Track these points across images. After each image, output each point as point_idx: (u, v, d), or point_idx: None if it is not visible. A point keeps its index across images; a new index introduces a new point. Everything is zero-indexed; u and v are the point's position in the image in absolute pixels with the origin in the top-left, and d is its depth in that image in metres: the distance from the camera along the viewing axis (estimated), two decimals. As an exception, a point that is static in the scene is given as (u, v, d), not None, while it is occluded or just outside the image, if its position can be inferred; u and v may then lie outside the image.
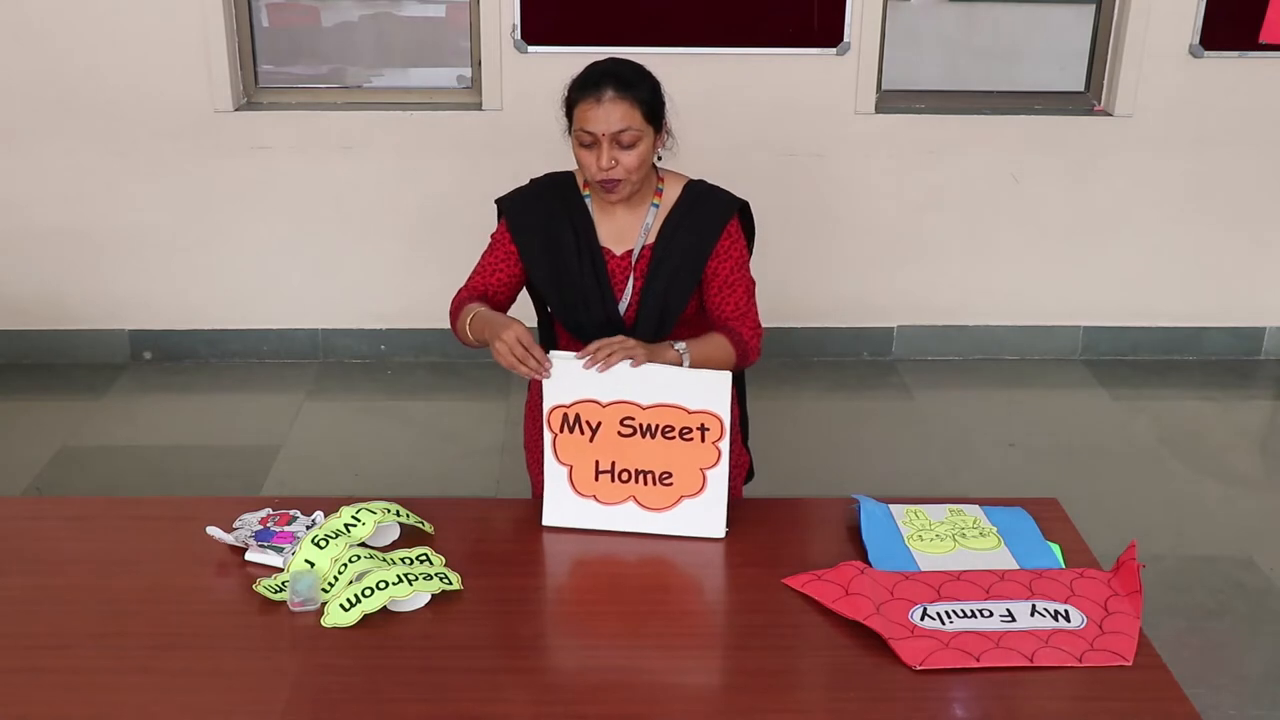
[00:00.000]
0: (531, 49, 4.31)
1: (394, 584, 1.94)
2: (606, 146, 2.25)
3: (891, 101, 4.52)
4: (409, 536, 2.16)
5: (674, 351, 2.24)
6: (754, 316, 2.43)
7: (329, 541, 2.05)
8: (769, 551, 2.15)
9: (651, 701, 1.79)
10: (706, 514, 2.19)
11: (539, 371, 2.16)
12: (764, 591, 2.03)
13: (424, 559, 2.07)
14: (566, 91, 2.32)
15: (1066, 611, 1.95)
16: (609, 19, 4.28)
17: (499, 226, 2.45)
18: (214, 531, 2.13)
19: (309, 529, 2.13)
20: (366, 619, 1.92)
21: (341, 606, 1.92)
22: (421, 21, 4.56)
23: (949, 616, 1.93)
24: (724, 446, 2.18)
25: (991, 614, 1.94)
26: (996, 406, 4.46)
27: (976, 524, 2.21)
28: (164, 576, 2.06)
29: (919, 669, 1.82)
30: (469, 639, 1.91)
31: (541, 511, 2.22)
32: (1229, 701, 2.85)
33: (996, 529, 2.19)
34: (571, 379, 2.18)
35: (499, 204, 2.47)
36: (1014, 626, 1.91)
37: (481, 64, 4.38)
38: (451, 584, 2.00)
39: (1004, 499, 2.31)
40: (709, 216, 2.39)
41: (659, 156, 2.39)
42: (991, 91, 4.60)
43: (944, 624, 1.91)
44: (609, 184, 2.29)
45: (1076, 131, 4.52)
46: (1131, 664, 1.85)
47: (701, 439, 2.18)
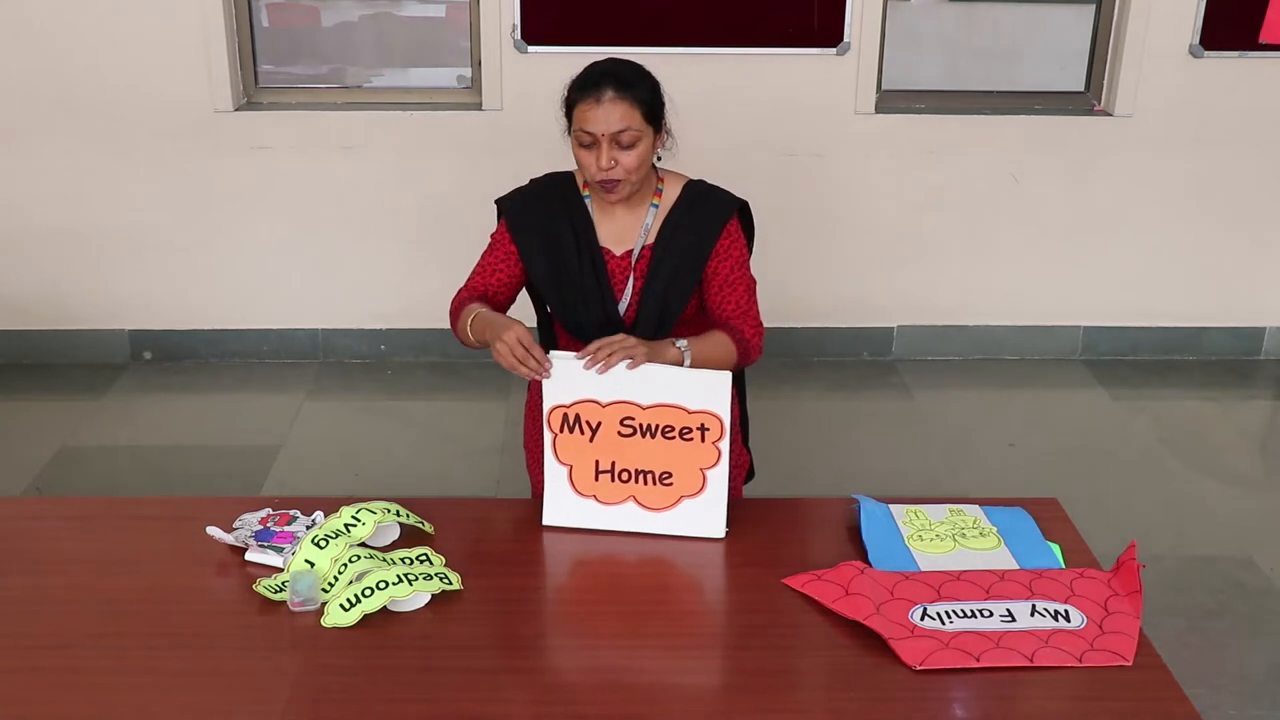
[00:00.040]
0: (531, 49, 4.31)
1: (394, 584, 1.94)
2: (606, 147, 2.25)
3: (891, 101, 4.52)
4: (409, 536, 2.16)
5: (675, 349, 2.24)
6: (755, 315, 2.43)
7: (329, 541, 2.05)
8: (769, 551, 2.15)
9: (651, 701, 1.79)
10: (706, 514, 2.19)
11: (539, 372, 2.16)
12: (764, 591, 2.03)
13: (424, 559, 2.07)
14: (566, 92, 2.32)
15: (1066, 611, 1.95)
16: (609, 19, 4.28)
17: (499, 226, 2.45)
18: (214, 531, 2.13)
19: (309, 529, 2.13)
20: (366, 619, 1.92)
21: (341, 606, 1.92)
22: (421, 21, 4.56)
23: (949, 616, 1.93)
24: (724, 446, 2.18)
25: (991, 614, 1.94)
26: (996, 406, 4.46)
27: (976, 524, 2.21)
28: (164, 576, 2.06)
29: (919, 669, 1.82)
30: (469, 639, 1.91)
31: (541, 511, 2.22)
32: (1229, 701, 2.85)
33: (996, 529, 2.19)
34: (571, 379, 2.18)
35: (499, 204, 2.47)
36: (1014, 626, 1.91)
37: (481, 64, 4.38)
38: (451, 584, 2.00)
39: (1004, 499, 2.31)
40: (708, 216, 2.39)
41: (659, 157, 2.39)
42: (991, 91, 4.60)
43: (944, 624, 1.91)
44: (608, 184, 2.29)
45: (1076, 131, 4.52)
46: (1131, 664, 1.85)
47: (701, 439, 2.18)
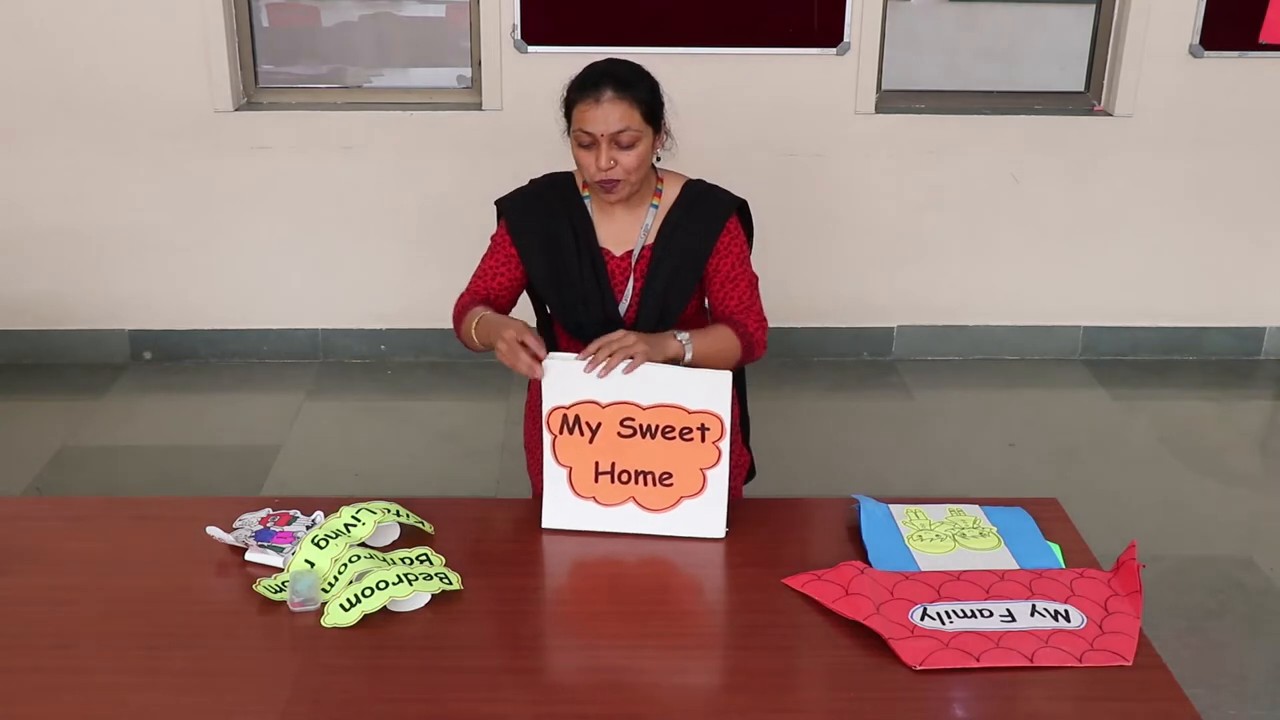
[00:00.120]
0: (531, 49, 4.31)
1: (394, 584, 1.94)
2: (605, 147, 2.25)
3: (891, 101, 4.52)
4: (409, 536, 2.16)
5: (675, 341, 2.22)
6: (759, 310, 2.42)
7: (329, 541, 2.05)
8: (769, 551, 2.15)
9: (651, 701, 1.79)
10: (706, 514, 2.18)
11: (532, 370, 2.15)
12: (764, 591, 2.03)
13: (424, 559, 2.07)
14: (565, 92, 2.31)
15: (1066, 611, 1.95)
16: (609, 19, 4.28)
17: (499, 228, 2.45)
18: (214, 531, 2.13)
19: (309, 529, 2.13)
20: (366, 619, 1.92)
21: (341, 606, 1.92)
22: (421, 21, 4.56)
23: (949, 616, 1.93)
24: (724, 446, 2.18)
25: (991, 614, 1.94)
26: (996, 406, 4.46)
27: (976, 524, 2.21)
28: (164, 576, 2.06)
29: (919, 669, 1.82)
30: (469, 639, 1.91)
31: (541, 513, 2.22)
32: (1229, 701, 2.85)
33: (996, 529, 2.19)
34: (571, 380, 2.17)
35: (498, 205, 2.47)
36: (1014, 626, 1.91)
37: (481, 64, 4.38)
38: (451, 584, 2.00)
39: (1004, 499, 2.31)
40: (708, 215, 2.39)
41: (658, 157, 2.38)
42: (991, 91, 4.60)
43: (944, 624, 1.91)
44: (608, 184, 2.29)
45: (1076, 131, 4.52)
46: (1131, 664, 1.85)
47: (702, 439, 2.17)
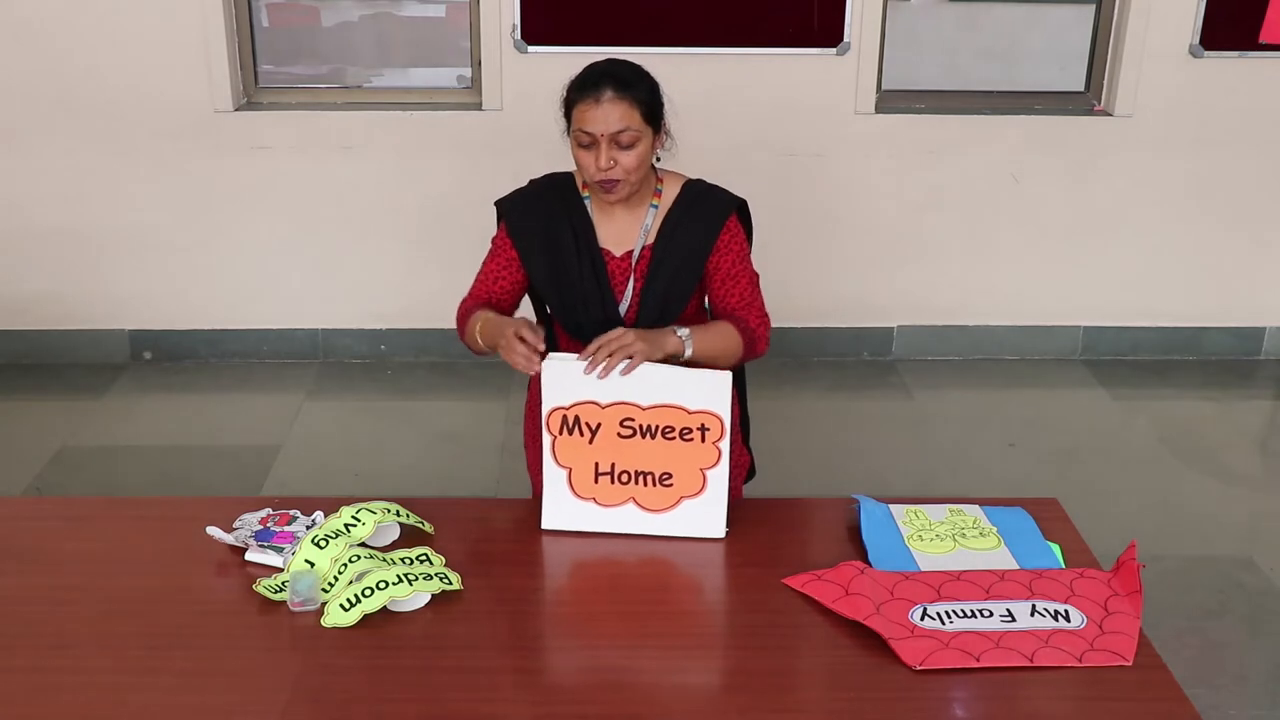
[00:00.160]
0: (531, 49, 4.31)
1: (394, 584, 1.94)
2: (605, 147, 2.25)
3: (891, 101, 4.51)
4: (409, 536, 2.16)
5: (675, 338, 2.22)
6: (760, 306, 2.41)
7: (329, 541, 2.05)
8: (769, 551, 2.15)
9: (651, 701, 1.79)
10: (706, 514, 2.18)
11: (529, 363, 2.14)
12: (764, 591, 2.03)
13: (424, 559, 2.07)
14: (565, 92, 2.31)
15: (1066, 611, 1.95)
16: (609, 19, 4.28)
17: (499, 231, 2.45)
18: (214, 531, 2.13)
19: (309, 529, 2.13)
20: (366, 619, 1.92)
21: (341, 606, 1.92)
22: (421, 21, 4.56)
23: (949, 616, 1.93)
24: (724, 446, 2.17)
25: (991, 614, 1.94)
26: (996, 406, 4.46)
27: (976, 524, 2.21)
28: (164, 576, 2.06)
29: (919, 669, 1.82)
30: (469, 639, 1.91)
31: (540, 514, 2.22)
32: (1229, 701, 2.85)
33: (996, 529, 2.19)
34: (570, 381, 2.17)
35: (498, 205, 2.47)
36: (1014, 626, 1.91)
37: (481, 64, 4.38)
38: (451, 584, 2.00)
39: (1004, 499, 2.31)
40: (707, 215, 2.38)
41: (658, 157, 2.38)
42: (991, 91, 4.60)
43: (944, 624, 1.91)
44: (608, 184, 2.29)
45: (1076, 131, 4.52)
46: (1131, 664, 1.85)
47: (702, 439, 2.17)
